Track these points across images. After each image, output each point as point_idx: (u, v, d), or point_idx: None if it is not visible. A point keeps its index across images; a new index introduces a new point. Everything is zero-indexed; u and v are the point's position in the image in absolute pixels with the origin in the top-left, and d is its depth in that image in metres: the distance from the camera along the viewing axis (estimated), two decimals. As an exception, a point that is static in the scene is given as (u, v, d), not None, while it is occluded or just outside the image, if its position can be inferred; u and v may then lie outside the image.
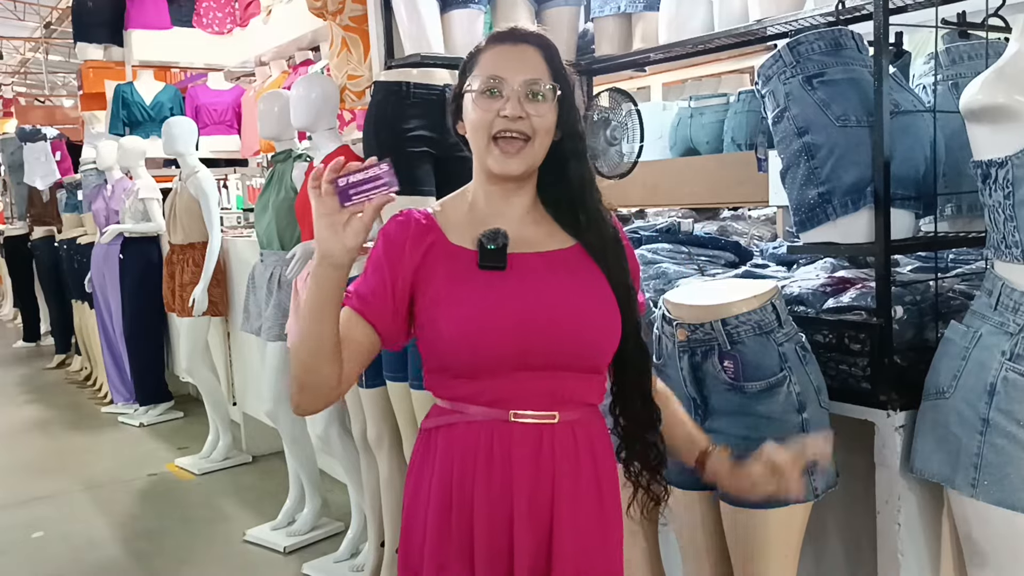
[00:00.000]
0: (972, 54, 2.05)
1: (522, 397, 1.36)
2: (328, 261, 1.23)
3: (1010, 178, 1.58)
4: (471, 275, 1.36)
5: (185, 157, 4.68)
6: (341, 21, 3.62)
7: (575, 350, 1.37)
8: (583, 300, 1.39)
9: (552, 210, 1.46)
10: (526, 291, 1.36)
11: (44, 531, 4.04)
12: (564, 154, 1.43)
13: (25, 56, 16.51)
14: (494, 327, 1.33)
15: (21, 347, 9.30)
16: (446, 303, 1.35)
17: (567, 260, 1.41)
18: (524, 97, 1.36)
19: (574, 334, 1.36)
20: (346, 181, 1.19)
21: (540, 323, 1.34)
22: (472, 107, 1.39)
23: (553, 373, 1.37)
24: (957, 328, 1.70)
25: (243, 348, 4.78)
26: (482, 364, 1.34)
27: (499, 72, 1.37)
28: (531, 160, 1.38)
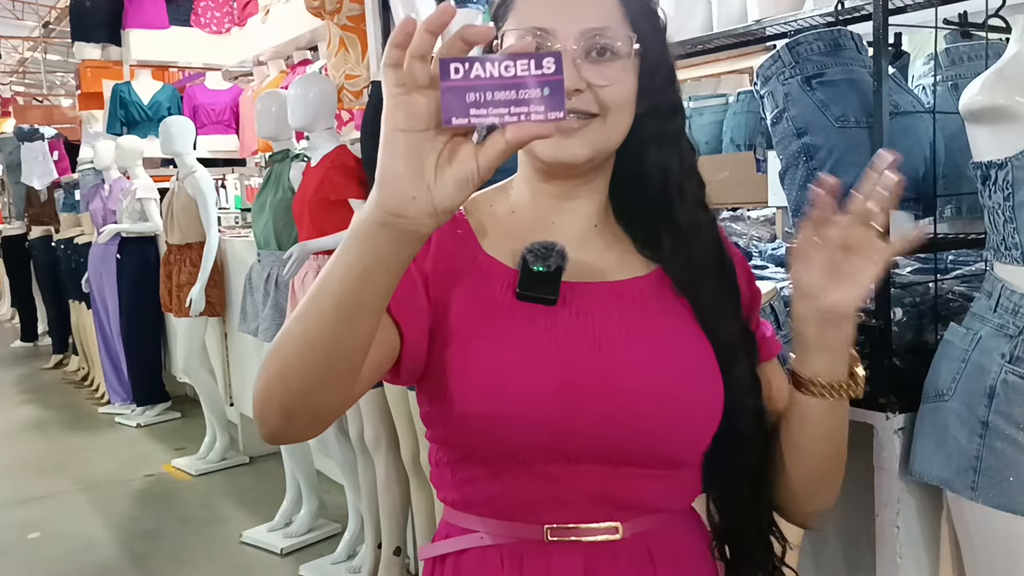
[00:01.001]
0: (972, 55, 2.05)
1: (566, 502, 0.90)
2: (395, 222, 0.68)
3: (1010, 180, 1.57)
4: (504, 306, 0.91)
5: (183, 157, 4.67)
6: (339, 20, 3.61)
7: (653, 437, 0.90)
8: (668, 356, 0.92)
9: (625, 221, 1.01)
10: (582, 339, 0.90)
11: (41, 532, 4.03)
12: (643, 137, 0.97)
13: (23, 56, 16.49)
14: (530, 392, 0.87)
15: (18, 347, 9.29)
16: (462, 342, 0.90)
17: (645, 294, 0.96)
18: (583, 57, 0.89)
19: (652, 411, 0.89)
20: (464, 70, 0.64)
21: (599, 391, 0.88)
22: None
23: (616, 468, 0.90)
24: (956, 330, 1.69)
25: (240, 349, 4.78)
26: (507, 448, 0.89)
27: (543, 22, 0.90)
28: (601, 142, 0.92)
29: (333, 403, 0.82)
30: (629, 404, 0.89)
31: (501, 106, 0.64)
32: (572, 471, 0.89)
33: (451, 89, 0.63)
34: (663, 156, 0.98)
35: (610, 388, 0.88)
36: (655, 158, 0.98)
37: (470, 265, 0.94)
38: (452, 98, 0.63)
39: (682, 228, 0.97)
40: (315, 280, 0.76)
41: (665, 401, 0.90)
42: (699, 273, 0.97)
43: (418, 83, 0.66)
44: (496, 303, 0.92)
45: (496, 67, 0.63)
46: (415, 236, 0.70)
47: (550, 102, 0.64)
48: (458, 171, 0.67)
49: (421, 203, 0.67)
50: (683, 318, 0.96)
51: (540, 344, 0.89)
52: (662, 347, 0.92)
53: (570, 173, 0.95)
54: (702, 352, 0.94)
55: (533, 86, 0.64)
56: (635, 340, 0.92)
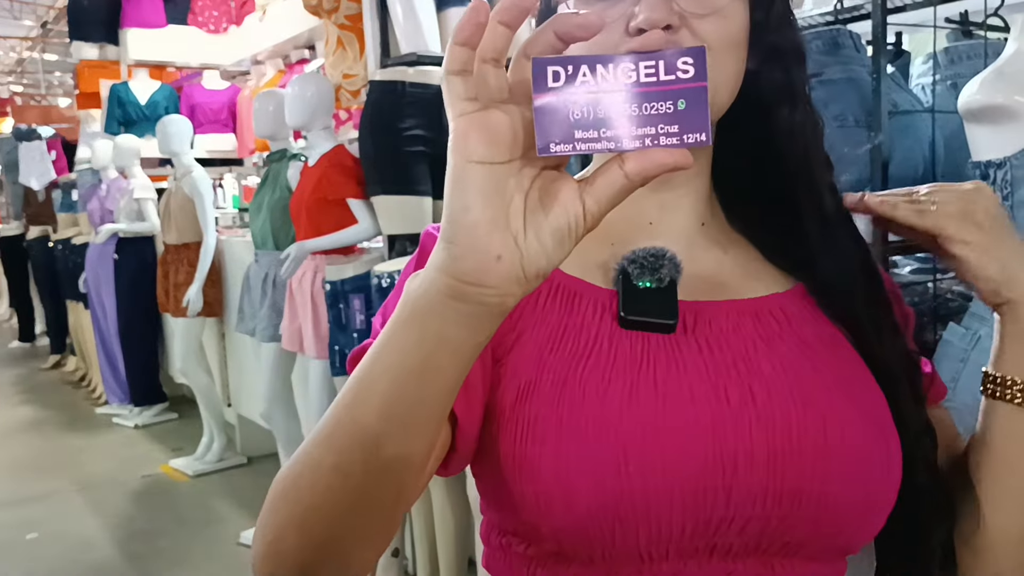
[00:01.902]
0: (971, 54, 2.04)
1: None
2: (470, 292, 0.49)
3: (1009, 179, 1.56)
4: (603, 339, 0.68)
5: (180, 156, 4.66)
6: (336, 19, 3.60)
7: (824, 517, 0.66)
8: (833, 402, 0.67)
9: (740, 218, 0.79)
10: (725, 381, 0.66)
11: (38, 532, 4.02)
12: (766, 96, 0.73)
13: (21, 55, 16.47)
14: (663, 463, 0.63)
15: (16, 347, 9.27)
16: (549, 398, 0.65)
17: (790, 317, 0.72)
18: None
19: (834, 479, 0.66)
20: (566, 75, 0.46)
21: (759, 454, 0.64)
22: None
23: (770, 562, 0.67)
24: (956, 330, 1.68)
25: (238, 349, 4.76)
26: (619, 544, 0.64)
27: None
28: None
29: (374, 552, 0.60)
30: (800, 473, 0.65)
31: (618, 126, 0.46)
32: (713, 571, 0.66)
33: (548, 104, 0.45)
34: (795, 119, 0.73)
35: (773, 450, 0.64)
36: (785, 123, 0.73)
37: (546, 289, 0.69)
38: (550, 116, 0.45)
39: (829, 224, 0.74)
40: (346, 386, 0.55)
41: (849, 464, 0.66)
42: (850, 283, 0.74)
43: (494, 96, 0.47)
44: (590, 336, 0.67)
45: (612, 71, 0.45)
46: (496, 311, 0.50)
47: (688, 119, 0.45)
48: (557, 219, 0.48)
49: (507, 265, 0.47)
50: (841, 346, 0.72)
51: (667, 392, 0.65)
52: (833, 389, 0.68)
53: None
54: (872, 391, 0.71)
55: (664, 97, 0.45)
56: (796, 381, 0.67)
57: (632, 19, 0.65)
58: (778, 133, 0.74)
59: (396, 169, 2.94)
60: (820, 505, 0.65)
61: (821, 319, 0.73)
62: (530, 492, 0.64)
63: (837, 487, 0.65)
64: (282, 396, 3.63)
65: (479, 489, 0.73)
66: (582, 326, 0.68)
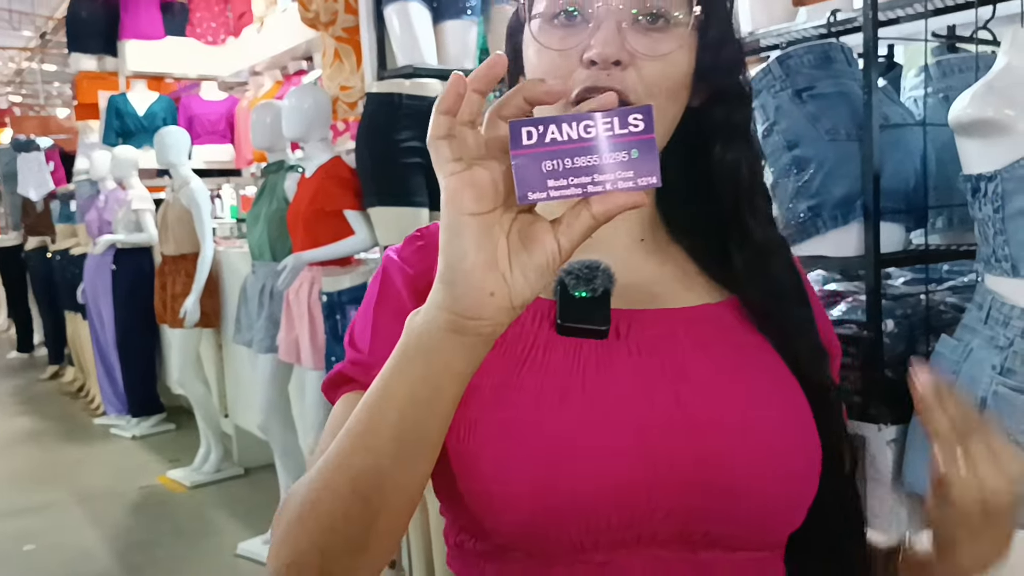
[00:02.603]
0: (962, 67, 2.05)
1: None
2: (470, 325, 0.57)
3: (1000, 192, 1.57)
4: (540, 346, 0.73)
5: (177, 167, 4.67)
6: (334, 32, 3.62)
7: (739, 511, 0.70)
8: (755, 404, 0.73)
9: (681, 235, 0.85)
10: (652, 383, 0.71)
11: (36, 543, 4.02)
12: (707, 132, 0.79)
13: (20, 66, 16.50)
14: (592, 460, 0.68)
15: (14, 358, 9.26)
16: (488, 400, 0.70)
17: (723, 326, 0.78)
18: (629, 22, 0.72)
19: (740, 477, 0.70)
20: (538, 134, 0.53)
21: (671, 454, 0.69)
22: (535, 47, 0.75)
23: (695, 554, 0.71)
24: (948, 342, 1.69)
25: (235, 360, 4.77)
26: (563, 538, 0.68)
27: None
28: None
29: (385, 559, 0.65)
30: (723, 468, 0.69)
31: (584, 174, 0.53)
32: (641, 561, 0.70)
33: (524, 158, 0.53)
34: (733, 154, 0.79)
35: (698, 447, 0.69)
36: (722, 156, 0.79)
37: None
38: (526, 169, 0.53)
39: (757, 245, 0.80)
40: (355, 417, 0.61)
41: (767, 462, 0.70)
42: (780, 302, 0.79)
43: (474, 154, 0.56)
44: (528, 342, 0.73)
45: (575, 128, 0.53)
46: (489, 339, 0.58)
47: (640, 165, 0.53)
48: (538, 257, 0.55)
49: (499, 299, 0.55)
50: (769, 355, 0.77)
51: (597, 393, 0.70)
52: (756, 391, 0.73)
53: None
54: (796, 397, 0.75)
55: (619, 148, 0.53)
56: (724, 383, 0.72)
57: (587, 51, 0.71)
58: (713, 166, 0.80)
59: (392, 180, 2.95)
60: (740, 500, 0.70)
61: (751, 330, 0.78)
62: (474, 490, 0.69)
63: (758, 484, 0.70)
64: (279, 407, 3.63)
65: (435, 488, 0.76)
66: (521, 333, 0.74)
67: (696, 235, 0.83)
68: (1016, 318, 1.57)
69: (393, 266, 0.80)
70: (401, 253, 0.82)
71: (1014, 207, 1.55)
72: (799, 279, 0.83)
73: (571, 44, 0.72)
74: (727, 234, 0.80)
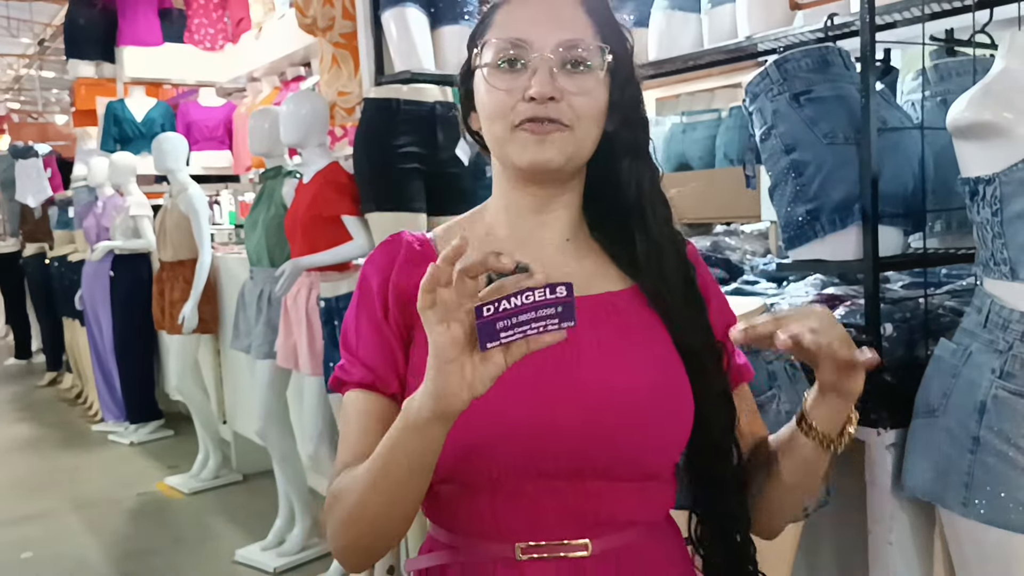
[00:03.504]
0: (960, 71, 2.05)
1: (537, 521, 0.93)
2: (446, 414, 0.80)
3: (998, 195, 1.57)
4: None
5: (175, 174, 4.67)
6: (331, 38, 3.62)
7: (622, 451, 0.93)
8: (638, 369, 0.95)
9: (600, 235, 1.05)
10: (554, 355, 0.86)
11: (33, 551, 4.01)
12: (617, 150, 1.01)
13: (18, 73, 16.51)
14: (501, 411, 0.89)
15: (12, 364, 9.25)
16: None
17: (617, 309, 0.99)
18: (559, 68, 0.94)
19: (622, 424, 0.92)
20: (493, 308, 0.75)
21: (569, 406, 0.91)
22: (485, 87, 0.97)
23: (587, 484, 0.93)
24: (947, 346, 1.69)
25: (233, 366, 4.76)
26: (478, 471, 0.91)
27: (522, 34, 0.95)
28: (572, 150, 0.96)
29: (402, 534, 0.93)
30: (601, 418, 0.91)
31: (525, 325, 0.75)
32: (545, 489, 0.92)
33: (485, 324, 0.75)
34: (636, 168, 1.02)
35: (582, 402, 0.91)
36: (628, 170, 1.02)
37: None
38: (486, 330, 0.75)
39: (655, 242, 1.01)
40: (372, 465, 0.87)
41: (637, 414, 0.93)
42: (670, 287, 1.00)
43: (451, 310, 0.76)
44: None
45: (519, 299, 0.75)
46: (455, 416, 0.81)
47: (563, 316, 0.76)
48: (492, 369, 0.77)
49: (465, 396, 0.78)
50: (656, 331, 0.99)
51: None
52: (634, 360, 0.96)
53: (544, 179, 0.99)
54: (673, 365, 0.97)
55: (549, 307, 0.75)
56: (607, 354, 0.95)
57: (528, 90, 0.93)
58: (622, 177, 1.02)
59: (390, 186, 2.95)
60: (615, 443, 0.92)
61: (646, 311, 1.00)
62: None
63: (629, 431, 0.92)
64: (277, 413, 3.63)
65: None
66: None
67: (609, 233, 1.04)
68: (1015, 321, 1.57)
69: (370, 272, 1.03)
70: (375, 259, 1.04)
71: (1012, 210, 1.55)
72: (691, 271, 1.04)
73: (515, 85, 0.95)
74: (631, 232, 1.02)
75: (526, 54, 0.95)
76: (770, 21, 2.24)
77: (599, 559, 0.93)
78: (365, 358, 0.98)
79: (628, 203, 1.02)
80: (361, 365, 0.98)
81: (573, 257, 1.02)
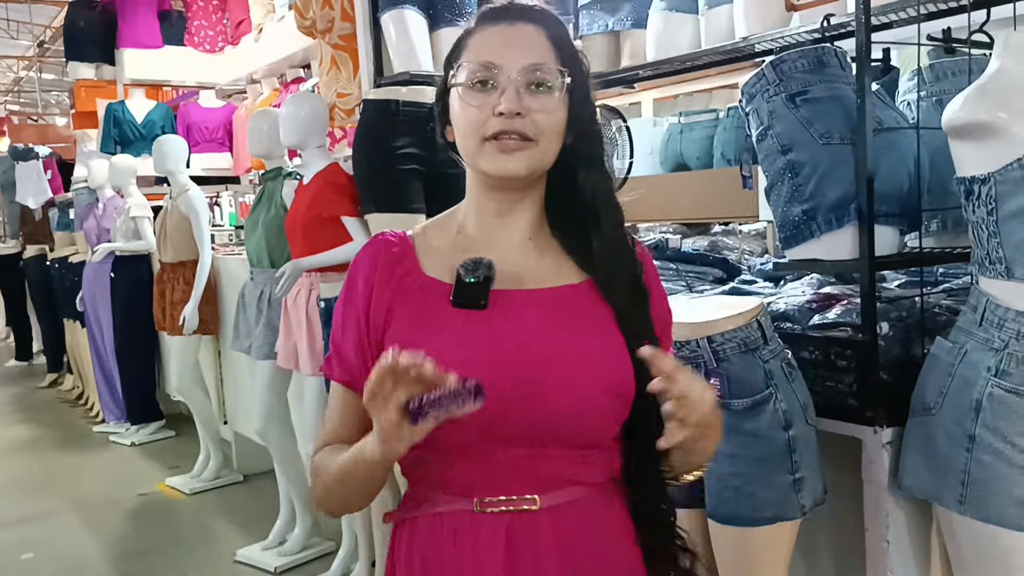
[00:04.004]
0: (956, 71, 2.06)
1: (493, 479, 1.09)
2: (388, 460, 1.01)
3: (993, 194, 1.58)
4: (441, 315, 1.10)
5: (175, 175, 4.68)
6: (330, 40, 3.63)
7: (565, 421, 1.08)
8: (583, 353, 1.10)
9: (560, 235, 1.19)
10: (507, 338, 1.07)
11: (34, 552, 4.02)
12: (575, 161, 1.16)
13: (18, 75, 16.52)
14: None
15: (13, 366, 9.27)
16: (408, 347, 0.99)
17: (571, 300, 1.14)
18: (524, 88, 1.09)
19: (565, 399, 1.07)
20: (417, 404, 0.94)
21: (520, 382, 1.06)
22: (460, 104, 1.12)
23: (534, 449, 1.09)
24: (943, 344, 1.70)
25: (234, 367, 4.77)
26: (445, 439, 1.03)
27: (492, 57, 1.10)
28: (536, 161, 1.11)
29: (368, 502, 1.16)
30: (548, 395, 1.06)
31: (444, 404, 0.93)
32: (500, 453, 1.08)
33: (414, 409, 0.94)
34: (591, 177, 1.17)
35: (533, 380, 1.06)
36: (584, 178, 1.17)
37: (411, 285, 1.14)
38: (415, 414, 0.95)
39: (607, 241, 1.16)
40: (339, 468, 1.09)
41: (581, 392, 1.08)
42: (620, 282, 1.15)
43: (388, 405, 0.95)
44: (433, 314, 1.11)
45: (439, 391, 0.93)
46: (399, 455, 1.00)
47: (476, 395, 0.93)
48: (423, 431, 0.95)
49: (403, 449, 0.98)
50: (605, 321, 1.13)
51: (471, 344, 1.08)
52: (583, 346, 1.10)
53: (510, 186, 1.14)
54: (618, 351, 1.11)
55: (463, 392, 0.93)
56: (559, 340, 1.10)
57: (498, 107, 1.08)
58: (579, 185, 1.17)
59: (389, 187, 2.96)
60: (564, 413, 1.07)
61: (598, 303, 1.14)
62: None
63: (576, 404, 1.07)
64: (277, 414, 3.64)
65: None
66: (427, 308, 1.12)
67: (567, 233, 1.18)
68: (1011, 320, 1.58)
69: (356, 273, 1.18)
70: (360, 262, 1.19)
71: (1008, 209, 1.56)
72: (638, 267, 1.18)
73: (485, 102, 1.09)
74: (588, 233, 1.16)
75: (496, 75, 1.09)
76: (767, 22, 2.25)
77: (546, 512, 1.09)
78: (346, 357, 1.15)
79: (584, 207, 1.17)
80: (342, 364, 1.16)
81: (533, 254, 1.17)
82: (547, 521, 1.10)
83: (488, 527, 1.09)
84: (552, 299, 1.13)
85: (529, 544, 1.09)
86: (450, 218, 1.22)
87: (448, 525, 1.11)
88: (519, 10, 1.15)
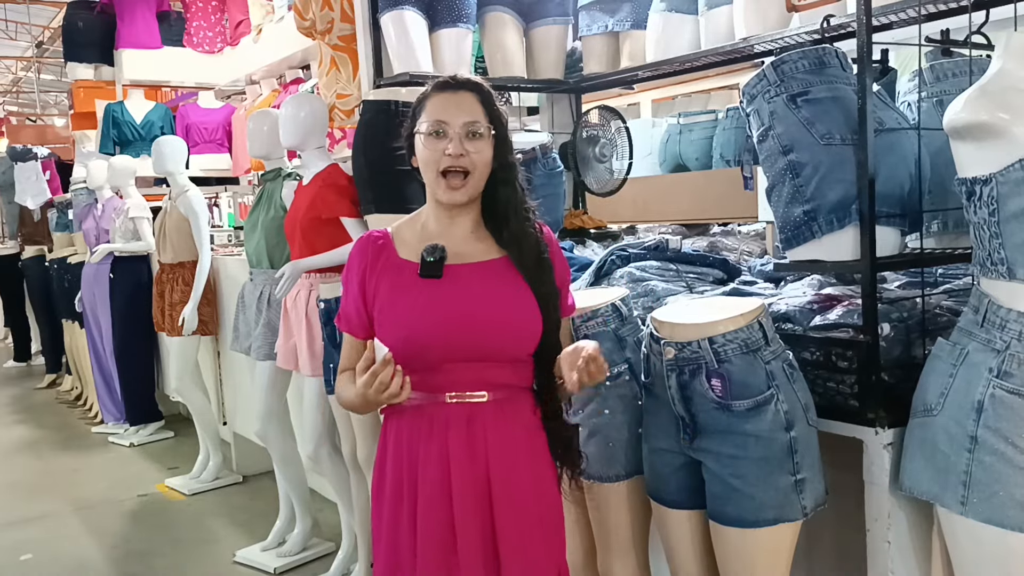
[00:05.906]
0: (957, 71, 2.06)
1: (456, 383, 1.65)
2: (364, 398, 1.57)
3: (994, 195, 1.58)
4: (412, 284, 1.65)
5: (175, 176, 4.67)
6: (330, 40, 3.63)
7: (497, 342, 1.65)
8: (505, 301, 1.66)
9: (491, 227, 1.73)
10: (457, 295, 1.64)
11: (33, 553, 4.01)
12: (497, 181, 1.70)
13: (17, 75, 16.52)
14: (426, 325, 1.62)
15: (11, 367, 9.25)
16: (389, 308, 1.66)
17: (497, 270, 1.69)
18: (464, 137, 1.63)
19: (496, 329, 1.64)
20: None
21: (466, 320, 1.62)
22: (422, 146, 1.65)
23: (481, 363, 1.64)
24: (944, 345, 1.70)
25: (233, 367, 4.77)
26: (419, 356, 1.62)
27: (442, 116, 1.64)
28: (472, 190, 1.66)
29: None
30: (486, 324, 1.63)
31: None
32: (461, 365, 1.63)
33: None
34: (507, 192, 1.71)
35: (473, 319, 1.63)
36: (503, 193, 1.71)
37: (391, 266, 1.69)
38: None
39: (515, 230, 1.71)
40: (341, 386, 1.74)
41: (506, 321, 1.65)
42: (527, 257, 1.69)
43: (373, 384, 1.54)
44: (407, 284, 1.66)
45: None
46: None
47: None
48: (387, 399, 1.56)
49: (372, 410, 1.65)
50: (519, 281, 1.69)
51: (432, 300, 1.63)
52: (505, 295, 1.67)
53: (455, 207, 1.68)
54: (528, 300, 1.68)
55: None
56: (489, 292, 1.66)
57: (447, 148, 1.62)
58: (498, 196, 1.71)
59: (389, 188, 2.95)
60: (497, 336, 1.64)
61: (512, 270, 1.69)
62: (384, 334, 1.68)
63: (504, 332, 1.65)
64: (277, 414, 3.63)
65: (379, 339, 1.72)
66: (403, 280, 1.67)
67: (494, 226, 1.72)
68: (1012, 321, 1.58)
69: (354, 262, 1.73)
70: (354, 255, 1.74)
71: (1009, 210, 1.56)
72: (543, 247, 1.72)
73: (438, 147, 1.63)
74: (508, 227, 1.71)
75: (445, 128, 1.64)
76: (767, 23, 2.25)
77: (491, 403, 1.66)
78: (350, 316, 1.73)
79: (503, 209, 1.71)
80: (347, 321, 1.75)
81: (473, 241, 1.71)
82: (492, 408, 1.66)
83: (454, 413, 1.65)
84: (486, 270, 1.69)
85: (480, 424, 1.65)
86: (416, 218, 1.76)
87: (426, 413, 1.66)
88: (461, 83, 1.68)
